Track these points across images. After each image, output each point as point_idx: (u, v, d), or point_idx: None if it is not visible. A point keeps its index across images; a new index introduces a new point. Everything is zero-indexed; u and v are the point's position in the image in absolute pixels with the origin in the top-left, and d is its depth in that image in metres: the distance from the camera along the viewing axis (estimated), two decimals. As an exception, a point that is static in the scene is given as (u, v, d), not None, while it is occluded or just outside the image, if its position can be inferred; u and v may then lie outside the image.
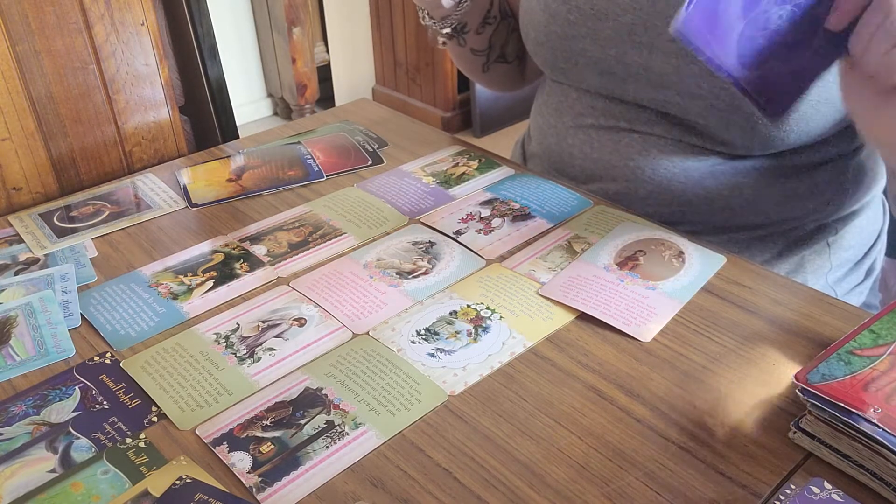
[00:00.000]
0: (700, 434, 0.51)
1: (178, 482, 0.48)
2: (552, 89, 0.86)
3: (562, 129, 0.83)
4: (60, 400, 0.55)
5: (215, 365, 0.58)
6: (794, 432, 0.50)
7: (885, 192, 0.87)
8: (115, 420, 0.53)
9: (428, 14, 0.84)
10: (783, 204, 0.76)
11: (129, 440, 0.52)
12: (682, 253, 0.69)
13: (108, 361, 0.59)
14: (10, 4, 0.78)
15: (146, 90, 0.91)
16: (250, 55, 2.83)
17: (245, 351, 0.59)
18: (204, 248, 0.73)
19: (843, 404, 0.46)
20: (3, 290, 0.67)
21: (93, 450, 0.51)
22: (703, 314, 0.62)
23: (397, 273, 0.68)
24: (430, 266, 0.69)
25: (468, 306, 0.63)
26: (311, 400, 0.54)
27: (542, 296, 0.64)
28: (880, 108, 0.57)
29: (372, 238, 0.73)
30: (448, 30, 0.84)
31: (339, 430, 0.52)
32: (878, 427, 0.45)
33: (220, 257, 0.71)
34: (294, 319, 0.62)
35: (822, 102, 0.68)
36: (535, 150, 0.91)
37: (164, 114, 0.94)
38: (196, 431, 0.52)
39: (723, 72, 0.56)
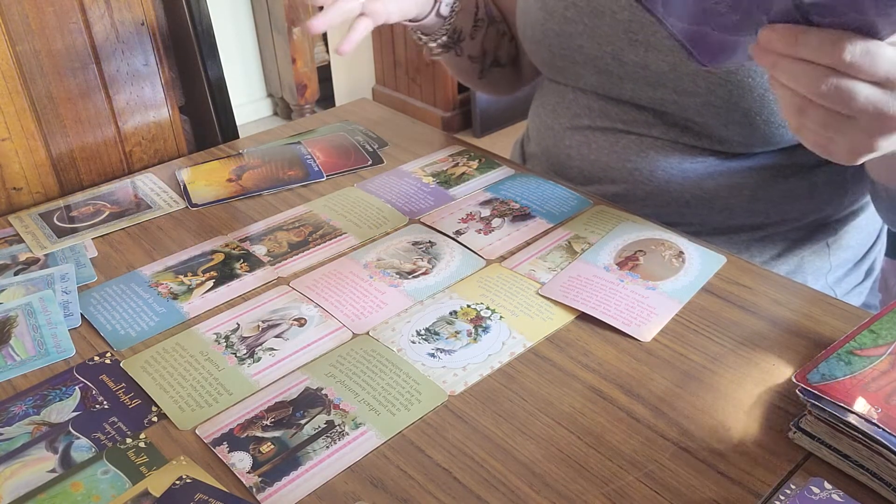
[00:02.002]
0: (700, 434, 0.51)
1: (178, 482, 0.48)
2: (549, 90, 0.86)
3: (559, 131, 0.83)
4: (60, 400, 0.55)
5: (215, 365, 0.58)
6: (794, 432, 0.50)
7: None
8: (115, 420, 0.53)
9: (422, 32, 0.84)
10: (782, 204, 0.76)
11: (129, 440, 0.52)
12: (682, 253, 0.69)
13: (108, 361, 0.59)
14: (10, 4, 0.78)
15: (146, 90, 0.91)
16: (250, 55, 2.83)
17: (245, 351, 0.59)
18: (204, 248, 0.73)
19: (843, 404, 0.46)
20: (3, 290, 0.67)
21: (93, 450, 0.51)
22: (703, 314, 0.62)
23: (397, 273, 0.68)
24: (430, 266, 0.69)
25: (468, 306, 0.63)
26: (311, 400, 0.54)
27: (542, 296, 0.64)
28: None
29: (372, 238, 0.73)
30: (445, 38, 0.84)
31: (339, 430, 0.52)
32: (878, 427, 0.45)
33: (220, 257, 0.71)
34: (294, 319, 0.62)
35: None
36: (533, 150, 0.91)
37: (164, 114, 0.94)
38: (196, 431, 0.52)
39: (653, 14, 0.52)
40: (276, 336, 0.61)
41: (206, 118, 1.06)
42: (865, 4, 0.42)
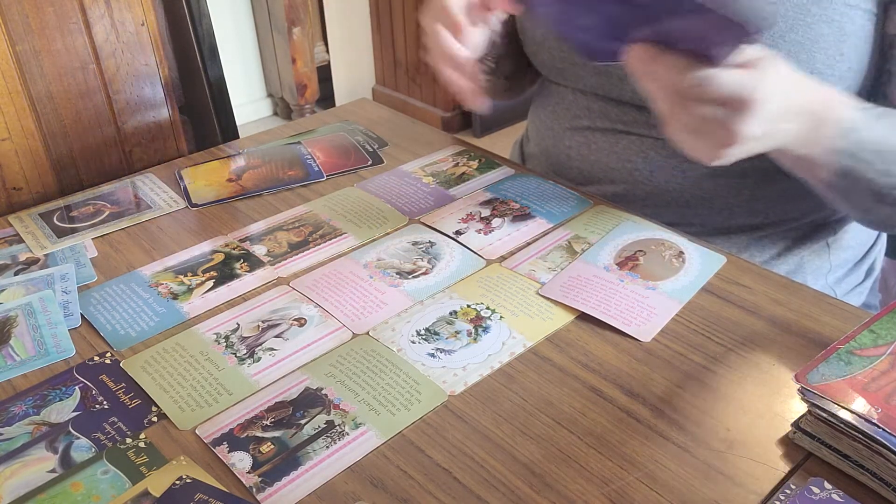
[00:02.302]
0: (700, 434, 0.51)
1: (178, 482, 0.48)
2: (549, 91, 0.86)
3: (559, 131, 0.83)
4: (60, 400, 0.55)
5: (215, 365, 0.58)
6: (794, 432, 0.50)
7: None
8: (115, 420, 0.53)
9: None
10: (781, 203, 0.76)
11: (129, 440, 0.52)
12: (682, 253, 0.69)
13: (108, 361, 0.59)
14: (10, 4, 0.78)
15: (146, 90, 0.91)
16: (250, 55, 2.83)
17: (245, 351, 0.59)
18: (204, 248, 0.73)
19: (843, 404, 0.46)
20: (3, 290, 0.67)
21: (93, 450, 0.51)
22: (703, 314, 0.62)
23: (397, 273, 0.68)
24: (430, 266, 0.69)
25: (468, 306, 0.63)
26: (311, 400, 0.54)
27: (542, 296, 0.64)
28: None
29: (372, 238, 0.73)
30: (492, 64, 0.83)
31: (339, 430, 0.52)
32: (878, 427, 0.45)
33: (220, 257, 0.71)
34: (294, 319, 0.62)
35: None
36: (533, 151, 0.91)
37: (164, 114, 0.94)
38: (196, 431, 0.52)
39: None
40: (276, 336, 0.61)
41: (206, 118, 1.06)
42: (702, 39, 0.50)
